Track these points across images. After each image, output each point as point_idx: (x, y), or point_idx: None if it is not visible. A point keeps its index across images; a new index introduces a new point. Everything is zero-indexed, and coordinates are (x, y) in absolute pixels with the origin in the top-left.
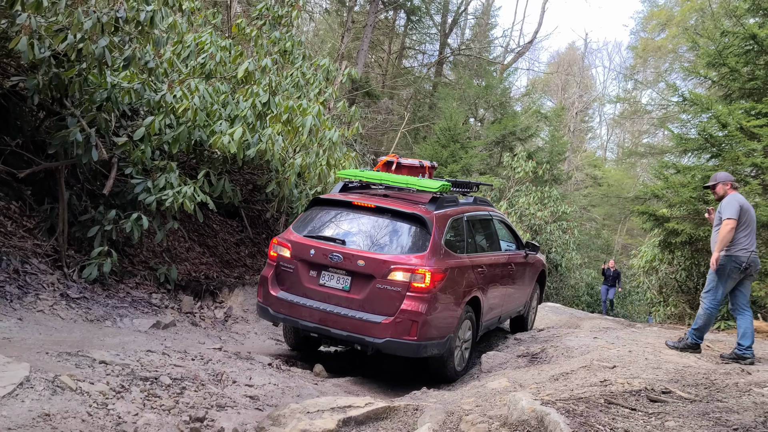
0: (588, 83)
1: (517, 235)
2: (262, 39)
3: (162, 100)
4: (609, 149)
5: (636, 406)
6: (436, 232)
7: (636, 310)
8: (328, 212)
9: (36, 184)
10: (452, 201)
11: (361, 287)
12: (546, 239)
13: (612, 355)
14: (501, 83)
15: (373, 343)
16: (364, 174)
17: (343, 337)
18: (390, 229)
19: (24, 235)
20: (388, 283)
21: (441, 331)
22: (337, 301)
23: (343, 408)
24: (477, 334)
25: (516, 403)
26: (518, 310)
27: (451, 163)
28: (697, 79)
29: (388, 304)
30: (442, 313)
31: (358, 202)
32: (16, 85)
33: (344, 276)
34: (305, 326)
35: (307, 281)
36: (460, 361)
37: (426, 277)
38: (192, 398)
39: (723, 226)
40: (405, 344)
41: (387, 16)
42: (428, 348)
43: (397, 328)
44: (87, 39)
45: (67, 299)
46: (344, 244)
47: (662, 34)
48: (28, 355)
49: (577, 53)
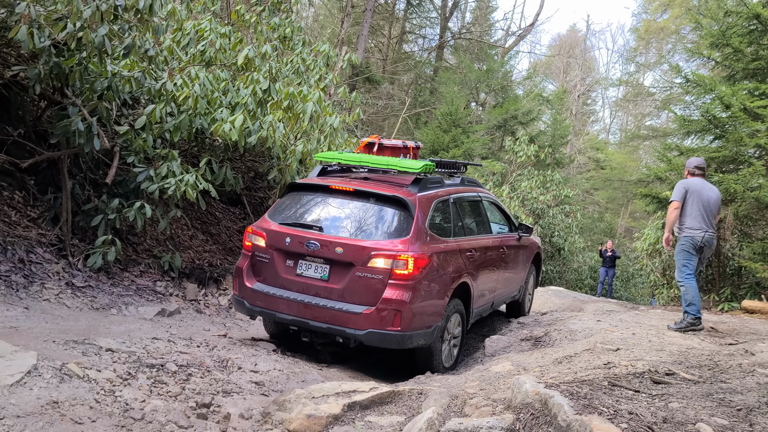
0: (590, 66)
1: (510, 217)
2: (262, 25)
3: (163, 89)
4: (612, 132)
5: (640, 388)
6: (420, 215)
7: (639, 292)
8: (305, 198)
9: (39, 174)
10: (437, 182)
11: (340, 276)
12: (548, 223)
13: (615, 338)
14: (502, 67)
15: (354, 335)
16: (342, 156)
17: (323, 330)
18: (370, 214)
19: (28, 224)
20: (368, 271)
21: (427, 320)
22: (316, 292)
23: (347, 393)
24: (468, 322)
25: (520, 386)
26: (513, 295)
27: (453, 147)
28: (700, 60)
29: (370, 293)
30: (427, 301)
31: (336, 186)
32: (17, 74)
33: (322, 265)
34: (283, 319)
35: (283, 271)
36: (448, 357)
37: (409, 263)
38: (198, 384)
39: (669, 209)
40: (388, 335)
41: (387, 1)
42: (414, 338)
43: (379, 319)
44: (86, 27)
45: (73, 288)
46: (321, 230)
47: (665, 15)
48: (35, 343)
49: (579, 35)
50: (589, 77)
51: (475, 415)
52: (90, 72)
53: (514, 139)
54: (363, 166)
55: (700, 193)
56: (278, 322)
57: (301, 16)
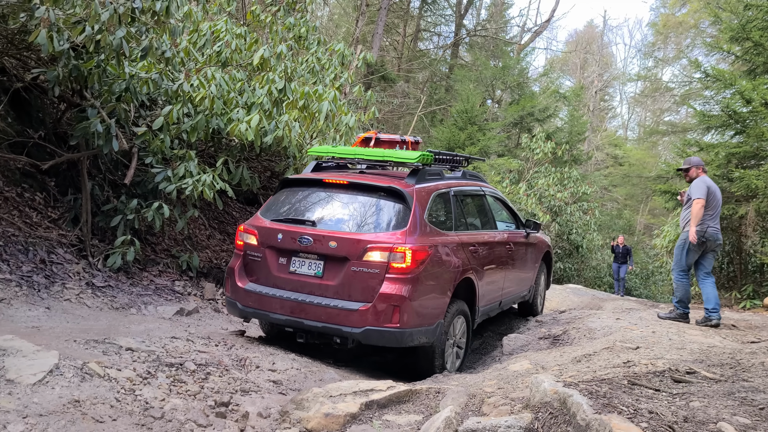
0: (607, 61)
1: (516, 213)
2: (277, 25)
3: (179, 90)
4: (630, 128)
5: (660, 387)
6: (417, 206)
7: (659, 290)
8: (298, 193)
9: (59, 176)
10: (436, 174)
11: (335, 272)
12: (566, 220)
13: (635, 336)
14: (518, 63)
15: (351, 334)
16: (337, 150)
17: (318, 329)
18: (365, 207)
19: (49, 225)
20: (364, 265)
21: (428, 317)
22: (310, 290)
23: (365, 391)
24: (474, 321)
25: (538, 385)
26: (522, 295)
27: (469, 145)
28: (719, 55)
29: (366, 289)
30: (428, 297)
31: (329, 180)
32: (37, 77)
33: (316, 261)
34: (277, 320)
35: (276, 270)
36: (452, 359)
37: (406, 256)
38: (216, 383)
39: (694, 205)
40: (387, 333)
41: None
42: (414, 336)
43: (376, 315)
44: (104, 30)
45: (93, 288)
46: (314, 225)
47: (683, 9)
48: (57, 343)
49: (596, 31)
50: (606, 73)
51: (493, 414)
52: (108, 74)
53: (530, 136)
54: (358, 159)
55: (715, 191)
56: (273, 323)
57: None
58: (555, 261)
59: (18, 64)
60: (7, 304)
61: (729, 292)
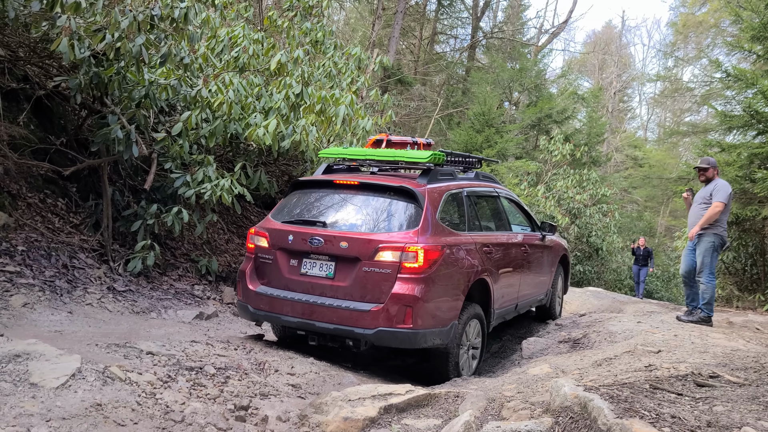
0: (626, 62)
1: (531, 216)
2: (294, 30)
3: (198, 95)
4: (649, 129)
5: (682, 391)
6: (429, 206)
7: (681, 292)
8: (309, 195)
9: (80, 181)
10: (448, 174)
11: (346, 273)
12: (585, 223)
13: (657, 340)
14: (535, 65)
15: (363, 335)
16: (347, 151)
17: (330, 331)
18: (376, 207)
19: (71, 231)
20: (375, 265)
21: (442, 318)
22: (322, 291)
23: (383, 395)
24: (489, 324)
25: (558, 389)
26: (539, 299)
27: (486, 147)
28: (741, 54)
29: (378, 290)
30: (442, 298)
31: (340, 181)
32: (59, 85)
33: (327, 262)
34: (288, 322)
35: (287, 272)
36: (467, 363)
37: (419, 256)
38: (236, 387)
39: (714, 207)
40: (400, 333)
41: (418, 2)
42: (428, 337)
43: (389, 316)
44: (124, 38)
45: (114, 292)
46: (325, 226)
47: (703, 9)
48: (79, 347)
49: (614, 31)
50: (625, 74)
51: (513, 419)
52: (128, 81)
53: (548, 138)
54: (369, 160)
55: (732, 194)
56: (285, 326)
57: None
58: (574, 264)
59: (40, 72)
60: (30, 309)
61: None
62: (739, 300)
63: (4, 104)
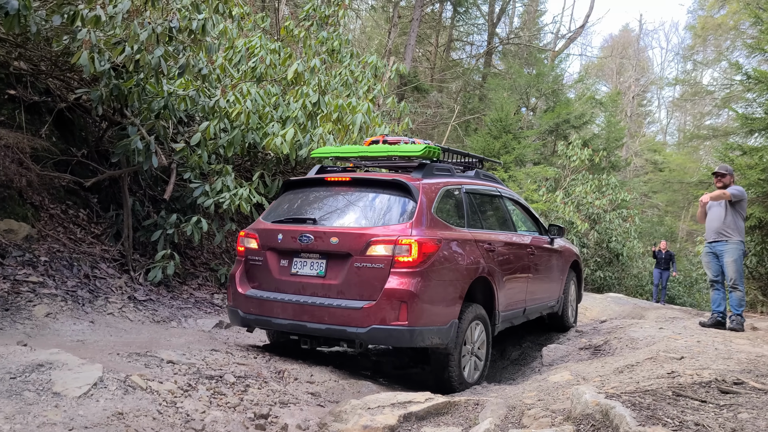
0: (644, 66)
1: (538, 219)
2: (310, 39)
3: (216, 106)
4: (669, 133)
5: (706, 398)
6: (424, 200)
7: (704, 298)
8: (301, 194)
9: (101, 192)
10: (446, 170)
11: (338, 270)
12: (605, 228)
13: (679, 346)
14: (552, 70)
15: (356, 334)
16: (340, 149)
17: (321, 332)
18: (369, 202)
19: (92, 241)
20: (367, 261)
21: (440, 315)
22: (313, 291)
23: (403, 403)
24: (494, 326)
25: (579, 396)
26: (550, 305)
27: (504, 153)
28: (761, 56)
29: (371, 286)
30: (439, 294)
31: (331, 178)
32: (80, 97)
33: (318, 260)
34: (279, 325)
35: (277, 272)
36: (471, 369)
37: (413, 249)
38: (256, 395)
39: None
40: (394, 331)
41: (433, 9)
42: (425, 335)
43: (382, 313)
44: (143, 50)
45: (135, 302)
46: (315, 223)
47: (722, 11)
48: (101, 356)
49: (632, 35)
50: (643, 78)
51: (534, 426)
52: (147, 92)
53: (566, 144)
54: (362, 157)
55: (746, 200)
56: (276, 330)
57: (349, 29)
58: (594, 270)
59: (62, 85)
60: (53, 319)
61: None
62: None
63: (27, 117)
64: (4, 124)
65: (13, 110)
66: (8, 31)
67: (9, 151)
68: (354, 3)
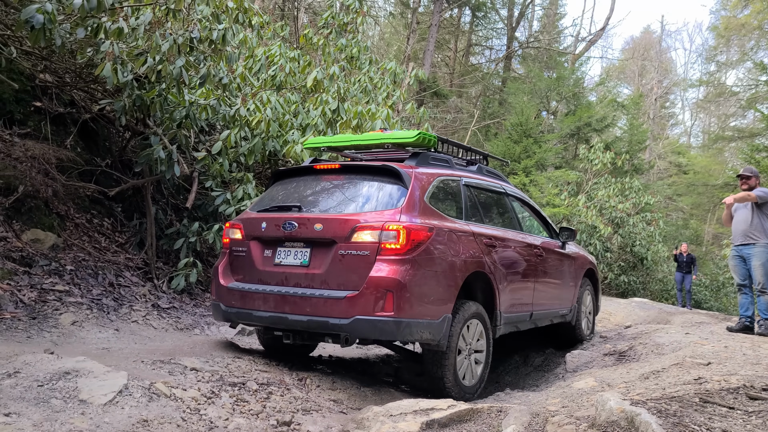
0: (667, 67)
1: (548, 221)
2: (329, 47)
3: (236, 114)
4: (693, 135)
5: (734, 405)
6: (416, 187)
7: (731, 302)
8: (289, 184)
9: (125, 201)
10: (443, 161)
11: (322, 259)
12: (629, 232)
13: (706, 351)
14: (573, 74)
15: (339, 326)
16: (332, 139)
17: (303, 324)
18: (358, 189)
19: (117, 249)
20: (353, 248)
21: (431, 309)
22: (296, 281)
23: (425, 410)
24: (495, 327)
25: (604, 403)
26: (562, 313)
27: (525, 158)
28: None
29: (356, 275)
30: (430, 284)
31: (320, 166)
32: (104, 108)
33: (302, 249)
34: (260, 318)
35: (261, 263)
36: (468, 373)
37: (401, 235)
38: (278, 402)
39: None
40: (380, 323)
41: (452, 15)
42: (413, 328)
43: (367, 302)
44: (165, 60)
45: (158, 309)
46: (300, 210)
47: (745, 11)
48: (126, 363)
49: (654, 37)
50: (666, 79)
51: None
52: (169, 102)
53: (588, 147)
54: (354, 146)
55: None
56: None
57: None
58: (618, 274)
59: (86, 96)
60: (79, 327)
61: None
62: None
63: (52, 128)
64: (31, 136)
65: (39, 122)
66: (34, 45)
67: (35, 162)
68: (372, 10)
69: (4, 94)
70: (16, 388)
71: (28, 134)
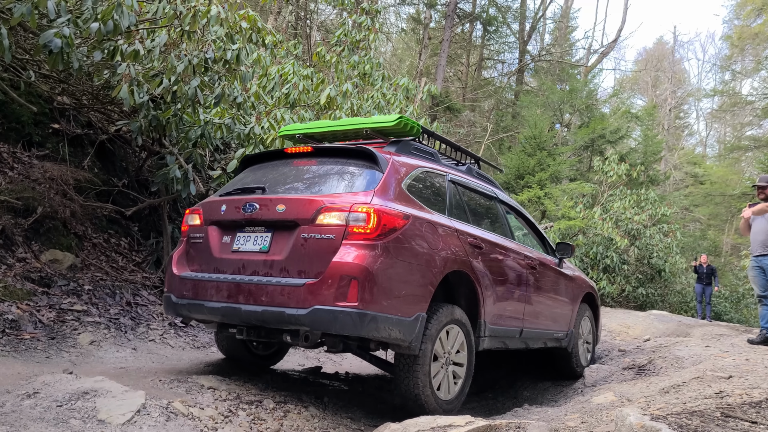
0: (681, 78)
1: (544, 237)
2: (342, 64)
3: (251, 133)
4: (709, 145)
5: (757, 419)
6: (392, 172)
7: (752, 314)
8: (258, 169)
9: (142, 221)
10: (428, 154)
11: (283, 243)
12: (646, 244)
13: (727, 365)
14: (586, 86)
15: (296, 317)
16: (308, 125)
17: (257, 316)
18: (328, 172)
19: (134, 269)
20: (316, 231)
21: (402, 304)
22: (254, 269)
23: (443, 427)
24: (479, 337)
25: (624, 418)
26: (556, 336)
27: (539, 171)
28: None
29: (318, 260)
30: (403, 277)
31: (292, 150)
32: (120, 129)
33: (263, 233)
34: (211, 309)
35: (218, 250)
36: (445, 384)
37: (371, 218)
38: (295, 420)
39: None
40: (341, 314)
41: (463, 29)
42: (380, 324)
43: (327, 290)
44: (180, 81)
45: (175, 328)
46: (264, 192)
47: (758, 20)
48: (143, 382)
49: (666, 48)
50: (680, 90)
51: None
52: (185, 122)
53: (603, 159)
54: (331, 131)
55: None
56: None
57: (380, 52)
58: (636, 287)
59: (102, 117)
60: (97, 346)
61: None
62: None
63: (70, 150)
64: (49, 158)
65: (57, 143)
66: (52, 68)
67: (53, 183)
68: (384, 26)
69: (23, 116)
70: (36, 409)
71: (46, 156)
